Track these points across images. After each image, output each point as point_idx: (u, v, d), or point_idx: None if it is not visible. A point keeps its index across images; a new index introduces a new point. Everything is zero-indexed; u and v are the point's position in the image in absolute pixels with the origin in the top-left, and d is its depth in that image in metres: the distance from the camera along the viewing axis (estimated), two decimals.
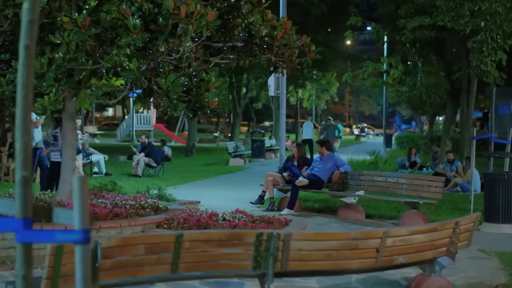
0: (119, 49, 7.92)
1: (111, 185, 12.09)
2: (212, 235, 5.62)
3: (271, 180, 13.58)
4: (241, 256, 5.61)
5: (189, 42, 7.89)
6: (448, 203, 14.32)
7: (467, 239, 6.76)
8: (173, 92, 8.22)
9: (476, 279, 7.65)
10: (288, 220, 9.63)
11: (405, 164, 24.65)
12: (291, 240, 5.64)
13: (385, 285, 7.24)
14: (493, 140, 12.80)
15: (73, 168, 9.70)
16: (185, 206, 11.01)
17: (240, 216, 9.36)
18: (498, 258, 8.92)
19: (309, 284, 7.19)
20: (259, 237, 5.57)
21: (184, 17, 7.63)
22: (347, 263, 5.94)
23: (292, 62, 9.72)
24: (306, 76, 52.00)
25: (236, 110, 38.91)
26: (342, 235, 5.94)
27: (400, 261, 6.17)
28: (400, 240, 6.09)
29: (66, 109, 9.58)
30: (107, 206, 9.22)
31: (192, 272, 5.58)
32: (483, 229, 11.08)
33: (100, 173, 20.37)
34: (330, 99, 76.67)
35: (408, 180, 12.10)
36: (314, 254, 5.78)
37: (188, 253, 5.42)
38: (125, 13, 7.80)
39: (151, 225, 8.96)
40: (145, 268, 5.32)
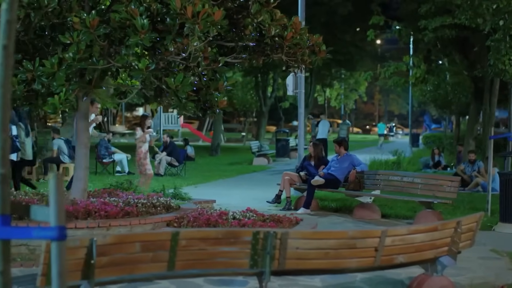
0: (128, 49, 8.00)
1: (127, 184, 12.18)
2: (208, 234, 5.67)
3: (288, 180, 13.61)
4: (238, 255, 5.64)
5: (197, 42, 7.94)
6: (466, 203, 14.22)
7: (470, 239, 6.72)
8: (181, 92, 8.27)
9: (482, 279, 7.60)
10: (299, 219, 9.62)
11: (429, 164, 24.51)
12: (288, 238, 5.66)
13: (390, 284, 7.23)
14: (511, 139, 12.67)
15: (85, 167, 9.80)
16: (199, 205, 11.06)
17: (251, 215, 9.38)
18: (510, 258, 8.85)
19: (313, 283, 7.20)
20: (256, 236, 5.60)
21: (190, 17, 7.68)
22: (345, 262, 5.94)
23: (304, 62, 9.72)
24: (334, 76, 51.86)
25: (261, 109, 38.91)
26: (340, 234, 5.95)
27: (399, 261, 6.15)
28: (400, 240, 6.07)
29: (79, 109, 9.70)
30: (119, 205, 9.31)
31: (189, 270, 5.63)
32: (499, 229, 11.00)
33: (122, 172, 20.55)
34: (359, 98, 76.35)
35: (423, 179, 12.04)
36: (312, 253, 5.79)
37: (185, 251, 5.46)
38: (133, 13, 7.87)
39: (161, 223, 9.03)
40: (141, 266, 5.38)
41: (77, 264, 5.07)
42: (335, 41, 40.60)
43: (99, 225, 8.53)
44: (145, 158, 14.18)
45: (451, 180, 11.62)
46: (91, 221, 8.61)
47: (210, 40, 9.59)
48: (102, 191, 11.00)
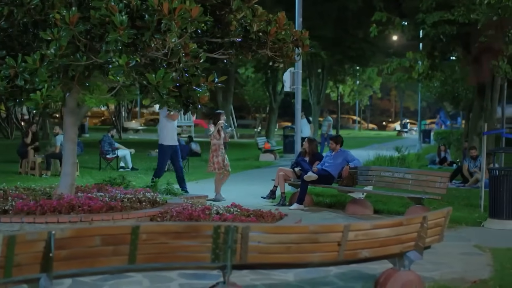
0: (108, 45, 8.07)
1: (120, 179, 12.29)
2: (169, 228, 5.73)
3: (282, 175, 13.66)
4: (200, 248, 5.69)
5: (175, 38, 7.99)
6: (461, 199, 14.23)
7: (438, 234, 6.73)
8: (162, 87, 8.33)
9: (458, 274, 7.61)
10: (283, 214, 9.67)
11: (435, 160, 24.46)
12: (249, 232, 5.71)
13: (362, 279, 7.25)
14: (505, 135, 12.63)
15: (73, 162, 9.90)
16: (191, 200, 11.12)
17: (235, 210, 9.45)
18: (492, 254, 8.83)
19: (286, 277, 7.25)
20: (217, 230, 5.65)
21: (167, 13, 7.74)
22: (308, 256, 5.98)
23: (289, 57, 9.76)
24: (347, 72, 51.70)
25: (272, 105, 38.90)
26: (301, 229, 5.99)
27: (364, 255, 6.18)
28: (363, 234, 6.10)
29: (66, 105, 9.80)
30: (104, 199, 9.41)
31: (151, 263, 5.69)
32: (487, 225, 10.99)
33: (126, 167, 20.68)
34: (374, 94, 76.06)
35: (414, 175, 12.05)
36: (274, 247, 5.84)
37: (146, 244, 5.53)
38: (112, 9, 7.94)
39: (145, 218, 9.12)
40: (102, 259, 5.44)
41: (35, 257, 5.15)
42: (347, 37, 40.58)
43: (81, 220, 8.64)
44: (216, 156, 13.99)
45: (441, 176, 11.61)
46: (73, 216, 8.72)
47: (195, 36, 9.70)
48: (93, 186, 11.11)
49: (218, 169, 13.89)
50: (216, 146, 13.90)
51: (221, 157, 13.95)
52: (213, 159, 13.91)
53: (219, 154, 13.89)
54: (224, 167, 13.96)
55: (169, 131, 13.94)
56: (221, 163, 13.88)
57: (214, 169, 13.94)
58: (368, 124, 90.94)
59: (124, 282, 6.89)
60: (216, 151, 13.90)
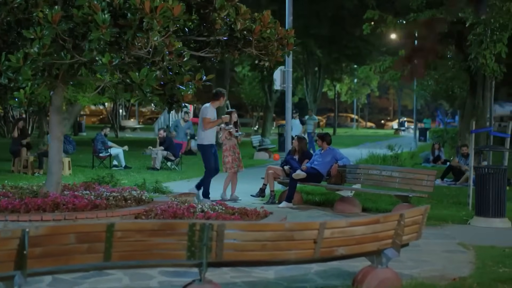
0: (91, 44, 8.09)
1: (109, 178, 12.32)
2: (144, 225, 5.76)
3: (271, 173, 13.69)
4: (175, 246, 5.73)
5: (157, 37, 8.02)
6: (450, 197, 14.26)
7: (416, 232, 6.77)
8: (146, 86, 8.36)
9: (439, 272, 7.63)
10: (268, 212, 9.69)
11: (429, 158, 24.48)
12: (224, 230, 5.74)
13: (342, 276, 7.26)
14: (492, 134, 12.66)
15: (59, 160, 9.92)
16: (179, 198, 11.13)
17: (220, 208, 9.47)
18: (475, 252, 8.85)
19: (266, 275, 7.28)
20: (192, 228, 5.68)
21: (148, 12, 7.77)
22: (284, 254, 6.01)
23: (274, 55, 9.78)
24: (344, 70, 51.74)
25: (267, 104, 38.90)
26: (277, 226, 6.03)
27: (340, 253, 6.22)
28: (339, 232, 6.13)
29: (52, 103, 9.82)
30: (89, 198, 9.44)
31: (127, 261, 5.73)
32: (474, 223, 11.02)
33: (119, 166, 20.70)
34: (372, 93, 76.08)
35: (401, 173, 12.08)
36: (249, 245, 5.87)
37: (121, 242, 5.56)
38: (95, 8, 7.97)
39: (129, 216, 9.14)
40: (77, 257, 5.48)
41: (9, 255, 5.18)
42: (344, 36, 40.59)
43: (65, 218, 8.67)
44: (227, 156, 13.79)
45: (427, 174, 11.64)
46: (57, 214, 8.75)
47: (182, 35, 9.74)
48: (80, 185, 11.13)
49: (229, 168, 13.78)
50: (227, 146, 13.83)
51: (231, 157, 13.82)
52: (224, 159, 13.88)
53: (230, 154, 13.81)
54: (237, 167, 13.86)
55: (209, 132, 13.27)
56: (232, 163, 13.80)
57: (226, 169, 13.87)
58: (366, 122, 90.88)
59: (104, 280, 6.92)
60: (227, 151, 13.82)
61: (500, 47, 13.21)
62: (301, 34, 39.54)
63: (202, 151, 13.44)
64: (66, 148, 18.29)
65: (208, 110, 13.17)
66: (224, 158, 13.78)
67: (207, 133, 13.20)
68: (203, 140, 13.24)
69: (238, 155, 13.84)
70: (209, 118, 13.07)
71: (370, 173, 12.54)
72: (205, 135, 13.19)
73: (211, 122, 13.10)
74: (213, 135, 13.42)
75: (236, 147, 13.88)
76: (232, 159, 13.69)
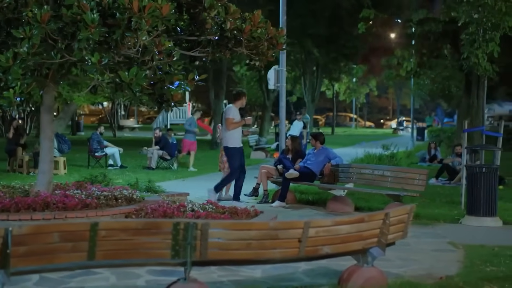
0: (80, 43, 8.11)
1: (102, 177, 12.33)
2: (128, 224, 5.77)
3: (265, 173, 13.70)
4: (160, 245, 5.74)
5: (145, 36, 8.04)
6: (444, 196, 14.30)
7: (402, 231, 6.77)
8: (135, 85, 8.38)
9: (426, 270, 7.64)
10: (259, 211, 9.71)
11: (426, 157, 24.51)
12: (209, 229, 5.75)
13: (329, 275, 7.27)
14: (485, 133, 12.68)
15: (50, 160, 9.94)
16: (172, 197, 11.14)
17: (210, 207, 9.49)
18: (464, 251, 8.86)
19: (253, 274, 7.29)
20: (176, 226, 5.70)
21: (136, 11, 7.79)
22: (268, 253, 6.03)
23: (264, 55, 9.80)
24: (342, 69, 51.76)
25: (265, 103, 38.96)
26: (261, 225, 6.04)
27: (325, 252, 6.23)
28: (324, 231, 6.15)
29: (43, 103, 9.83)
30: (79, 197, 9.46)
31: (111, 260, 5.74)
32: (465, 222, 11.03)
33: (115, 165, 20.72)
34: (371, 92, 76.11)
35: (393, 173, 12.10)
36: (234, 244, 5.89)
37: (105, 241, 5.57)
38: (83, 7, 7.98)
39: (119, 215, 9.16)
40: (61, 255, 5.49)
41: None
42: (342, 35, 40.59)
43: (55, 217, 8.69)
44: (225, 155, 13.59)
45: (419, 173, 11.66)
46: (47, 213, 8.77)
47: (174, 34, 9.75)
48: (72, 184, 11.15)
49: (226, 168, 13.72)
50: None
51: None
52: (222, 158, 13.86)
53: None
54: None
55: (233, 133, 12.91)
56: (226, 164, 13.76)
57: (222, 168, 13.83)
58: (365, 122, 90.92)
59: (91, 279, 6.93)
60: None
61: (492, 47, 13.22)
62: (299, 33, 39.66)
63: (227, 153, 13.06)
64: (61, 147, 18.35)
65: (232, 111, 12.82)
66: (221, 157, 13.78)
67: (232, 135, 12.86)
68: (228, 142, 12.89)
69: None
70: (233, 119, 12.72)
71: (363, 172, 12.57)
72: (230, 137, 12.85)
73: (235, 123, 12.77)
74: (239, 136, 13.03)
75: None
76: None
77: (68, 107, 20.43)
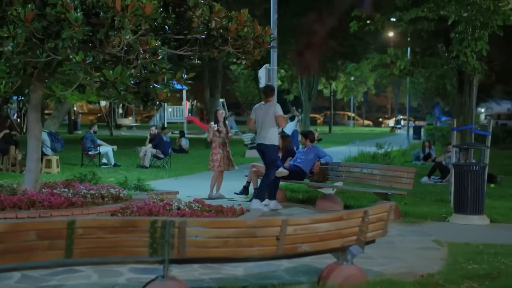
0: (64, 42, 8.13)
1: (91, 176, 12.36)
2: (105, 222, 5.80)
3: (255, 171, 13.72)
4: (137, 243, 5.77)
5: (129, 35, 8.06)
6: (434, 194, 14.33)
7: (381, 229, 6.80)
8: (120, 84, 8.40)
9: (408, 268, 7.65)
10: (245, 210, 9.74)
11: (420, 156, 24.57)
12: (186, 227, 5.78)
13: (310, 273, 7.28)
14: (473, 131, 12.70)
15: (37, 158, 9.97)
16: (161, 196, 11.16)
17: (197, 205, 9.52)
18: (448, 248, 8.88)
19: (235, 272, 7.31)
20: (154, 224, 5.72)
21: (119, 10, 7.81)
22: (246, 251, 6.05)
23: (251, 54, 9.83)
24: (339, 68, 51.80)
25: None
26: (238, 223, 6.07)
27: (304, 249, 6.25)
28: (302, 229, 6.17)
29: (30, 101, 9.86)
30: (66, 195, 9.48)
31: (89, 258, 5.76)
32: (452, 220, 11.06)
33: (109, 164, 20.74)
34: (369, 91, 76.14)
35: (381, 171, 12.11)
36: (212, 241, 5.91)
37: (82, 239, 5.60)
38: (67, 6, 8.01)
39: (105, 213, 9.18)
40: (38, 253, 5.51)
41: None
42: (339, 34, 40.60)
43: (40, 215, 8.71)
44: (216, 154, 13.70)
45: (407, 172, 11.68)
46: (33, 211, 8.79)
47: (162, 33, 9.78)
48: (61, 182, 11.17)
49: (217, 167, 13.73)
50: (216, 144, 13.81)
51: (220, 154, 13.79)
52: (212, 157, 13.87)
53: (218, 152, 13.77)
54: (224, 165, 13.80)
55: (277, 130, 12.45)
56: (220, 161, 13.79)
57: (213, 166, 13.82)
58: (364, 120, 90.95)
59: (73, 277, 6.95)
60: (215, 148, 13.81)
61: (481, 45, 13.24)
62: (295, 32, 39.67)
63: (272, 151, 12.35)
64: (54, 146, 18.37)
65: (278, 107, 12.24)
66: (212, 155, 13.81)
67: (276, 132, 12.45)
68: (274, 140, 12.29)
69: (228, 154, 13.86)
70: (283, 115, 12.28)
71: (352, 170, 12.59)
72: (275, 134, 12.33)
73: (284, 118, 12.50)
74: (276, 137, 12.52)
75: (226, 146, 13.89)
76: (220, 158, 13.71)
77: (62, 106, 20.43)
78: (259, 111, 12.32)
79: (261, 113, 12.27)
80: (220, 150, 13.76)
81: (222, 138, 13.77)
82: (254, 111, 12.47)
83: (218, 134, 13.74)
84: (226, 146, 13.85)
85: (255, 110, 12.48)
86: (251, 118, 12.57)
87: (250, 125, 12.81)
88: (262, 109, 12.26)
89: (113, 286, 6.67)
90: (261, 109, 12.30)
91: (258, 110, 12.36)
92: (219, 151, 13.76)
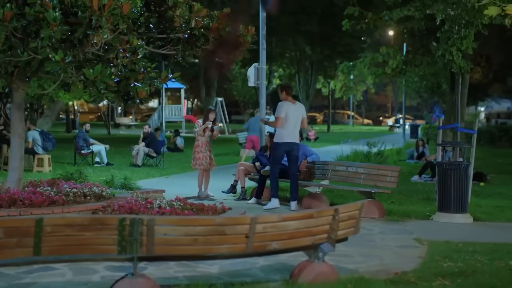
0: (42, 41, 8.17)
1: (77, 174, 12.40)
2: (74, 220, 5.85)
3: (242, 170, 13.76)
4: (106, 241, 5.81)
5: (107, 34, 8.10)
6: (422, 193, 14.36)
7: (353, 226, 6.83)
8: (99, 82, 8.44)
9: (384, 266, 7.68)
10: (226, 208, 9.76)
11: (414, 155, 24.60)
12: (154, 225, 5.82)
13: (284, 271, 7.31)
14: (459, 130, 12.73)
15: (20, 157, 10.01)
16: (147, 194, 11.20)
17: (178, 204, 9.55)
18: (428, 247, 8.91)
19: (210, 270, 7.34)
20: (122, 222, 5.76)
21: (97, 10, 7.84)
22: (216, 248, 6.09)
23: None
24: (337, 67, 51.85)
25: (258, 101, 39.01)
26: (207, 221, 6.11)
27: (273, 247, 6.29)
28: (272, 227, 6.21)
29: (13, 100, 9.91)
30: (48, 194, 9.52)
31: (58, 255, 5.81)
32: (436, 218, 11.09)
33: (101, 163, 20.78)
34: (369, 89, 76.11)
35: (366, 169, 12.15)
36: (181, 239, 5.95)
37: (51, 237, 5.64)
38: (46, 6, 8.05)
39: (86, 212, 9.23)
40: (6, 251, 5.56)
41: None
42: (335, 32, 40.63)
43: (21, 214, 8.76)
44: (198, 153, 13.65)
45: (391, 170, 11.71)
46: (13, 210, 8.84)
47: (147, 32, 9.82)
48: (46, 181, 11.21)
49: (199, 165, 13.73)
50: (199, 142, 13.80)
51: (203, 153, 13.80)
52: (194, 155, 13.87)
53: (201, 150, 13.76)
54: (207, 164, 13.79)
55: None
56: (203, 159, 13.79)
57: (194, 165, 13.81)
58: (363, 119, 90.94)
59: (47, 275, 6.98)
60: (198, 147, 13.80)
61: (467, 44, 13.28)
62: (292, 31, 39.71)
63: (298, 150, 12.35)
64: (45, 145, 18.42)
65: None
66: (194, 153, 13.79)
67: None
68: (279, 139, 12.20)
69: (209, 153, 13.85)
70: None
71: (337, 169, 12.62)
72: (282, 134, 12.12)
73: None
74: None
75: (208, 145, 13.89)
76: (203, 156, 13.69)
77: (54, 105, 20.47)
78: (292, 109, 11.97)
79: (295, 113, 11.99)
80: (202, 149, 13.74)
81: (206, 137, 13.78)
82: (286, 109, 11.92)
83: (202, 134, 13.74)
84: (209, 145, 13.86)
85: (288, 108, 11.94)
86: (282, 116, 11.93)
87: (278, 124, 12.01)
88: (294, 109, 12.01)
89: (86, 284, 6.71)
90: (294, 109, 12.02)
91: (291, 108, 11.98)
92: (202, 150, 13.73)
